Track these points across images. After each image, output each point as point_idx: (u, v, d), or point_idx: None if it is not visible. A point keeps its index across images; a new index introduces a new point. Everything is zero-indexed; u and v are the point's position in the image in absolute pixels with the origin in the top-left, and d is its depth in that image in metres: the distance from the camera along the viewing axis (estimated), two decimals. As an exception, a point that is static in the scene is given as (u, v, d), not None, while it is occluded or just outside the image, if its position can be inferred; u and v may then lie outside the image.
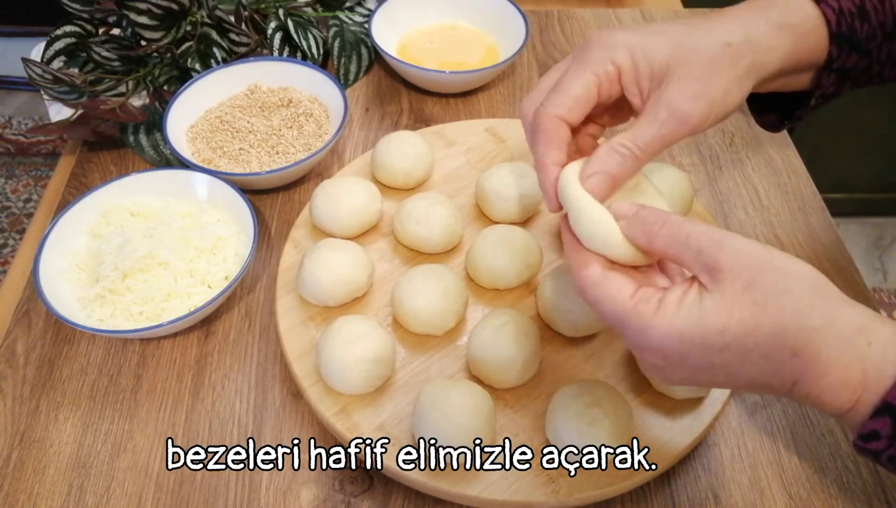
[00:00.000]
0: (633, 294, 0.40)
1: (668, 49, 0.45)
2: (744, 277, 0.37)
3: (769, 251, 0.38)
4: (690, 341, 0.37)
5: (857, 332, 0.36)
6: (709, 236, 0.38)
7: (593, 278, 0.41)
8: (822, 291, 0.37)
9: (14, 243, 1.88)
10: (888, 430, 0.35)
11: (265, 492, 0.54)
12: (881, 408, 0.35)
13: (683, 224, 0.39)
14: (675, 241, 0.39)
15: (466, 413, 0.51)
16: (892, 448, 0.36)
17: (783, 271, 0.37)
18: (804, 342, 0.36)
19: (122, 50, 0.79)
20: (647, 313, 0.39)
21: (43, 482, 0.55)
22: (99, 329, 0.59)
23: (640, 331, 0.39)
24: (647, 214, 0.41)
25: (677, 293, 0.39)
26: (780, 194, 0.76)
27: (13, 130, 2.13)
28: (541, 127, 0.45)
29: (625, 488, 0.51)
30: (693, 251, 0.39)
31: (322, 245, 0.62)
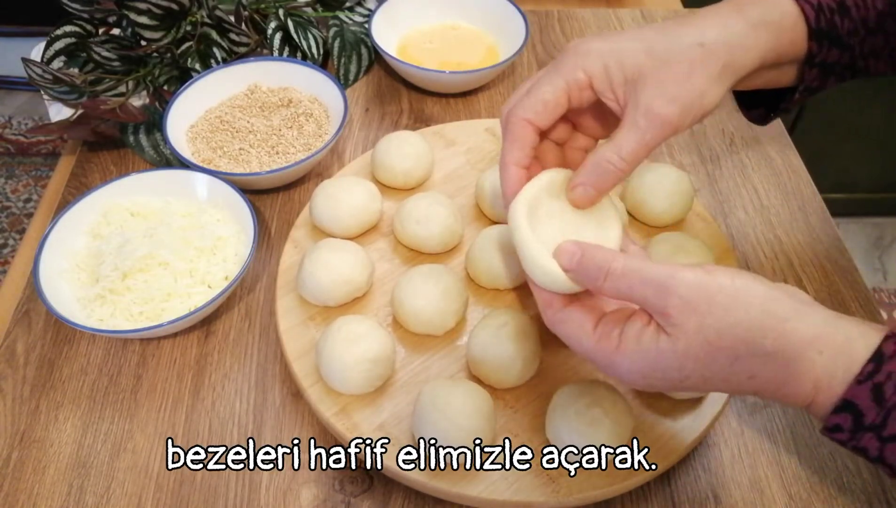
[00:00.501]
0: (594, 330, 0.43)
1: (641, 54, 0.45)
2: (694, 318, 0.38)
3: (716, 280, 0.39)
4: (652, 375, 0.41)
5: (808, 346, 0.38)
6: (653, 284, 0.40)
7: (557, 318, 0.45)
8: (772, 311, 0.38)
9: (14, 243, 1.88)
10: (849, 424, 0.37)
11: (265, 492, 0.54)
12: (840, 406, 0.37)
13: (624, 275, 0.41)
14: (619, 291, 0.41)
15: (466, 413, 0.51)
16: (854, 439, 0.38)
17: (731, 302, 0.38)
18: (759, 367, 0.38)
19: (122, 50, 0.79)
20: (610, 351, 0.42)
21: (43, 482, 0.55)
22: (99, 329, 0.59)
23: (606, 366, 0.42)
24: (589, 265, 0.42)
25: (635, 330, 0.41)
26: (780, 194, 0.76)
27: (13, 130, 2.13)
28: (508, 128, 0.47)
29: (625, 488, 0.51)
30: (639, 299, 0.41)
31: (322, 245, 0.62)
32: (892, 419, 0.36)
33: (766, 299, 0.39)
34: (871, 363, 0.37)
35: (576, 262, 0.43)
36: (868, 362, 0.37)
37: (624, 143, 0.45)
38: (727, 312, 0.38)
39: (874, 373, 0.36)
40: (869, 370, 0.37)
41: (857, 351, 0.37)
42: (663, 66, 0.44)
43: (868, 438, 0.37)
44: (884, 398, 0.36)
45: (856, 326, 0.39)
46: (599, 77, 0.46)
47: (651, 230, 0.68)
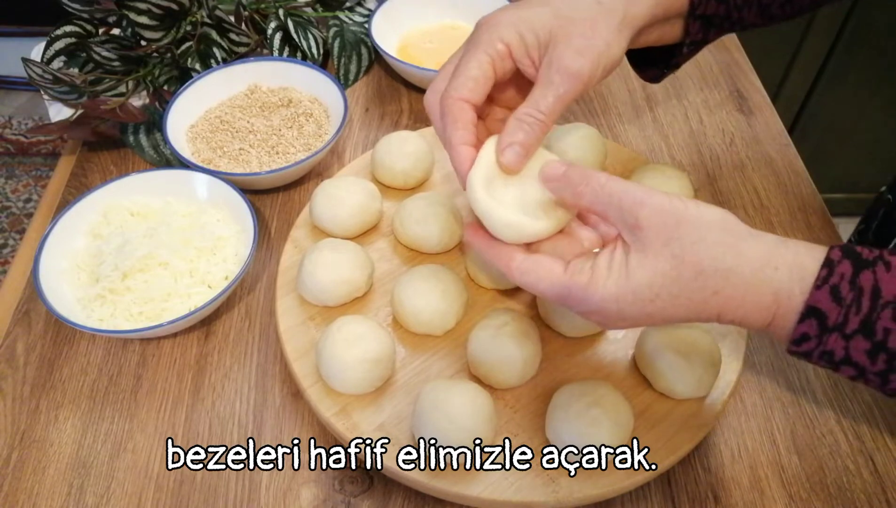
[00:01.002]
0: (565, 270, 0.44)
1: (548, 18, 0.48)
2: (662, 233, 0.41)
3: (684, 204, 0.41)
4: (625, 299, 0.42)
5: (764, 262, 0.40)
6: (630, 194, 0.42)
7: (524, 267, 0.45)
8: (731, 230, 0.41)
9: (14, 243, 1.88)
10: (815, 330, 0.40)
11: (265, 492, 0.54)
12: (805, 313, 0.39)
13: (607, 182, 0.43)
14: (598, 198, 0.43)
15: (466, 413, 0.51)
16: (822, 344, 0.40)
17: (696, 221, 0.41)
18: (722, 282, 0.40)
19: (122, 50, 0.79)
20: (583, 283, 0.43)
21: (43, 482, 0.55)
22: (99, 329, 0.59)
23: (580, 300, 0.43)
24: (573, 173, 0.44)
25: (605, 258, 0.43)
26: (780, 193, 0.76)
27: (13, 130, 2.13)
28: (446, 111, 0.48)
29: (625, 488, 0.51)
30: (615, 208, 0.42)
31: (322, 245, 0.62)
32: (851, 315, 0.39)
33: (726, 221, 0.41)
34: (824, 268, 0.39)
35: (561, 172, 0.44)
36: (822, 267, 0.39)
37: (540, 99, 0.47)
38: (692, 228, 0.41)
39: (829, 277, 0.39)
40: (824, 275, 0.39)
41: (808, 264, 0.40)
42: (569, 24, 0.48)
43: (834, 339, 0.39)
44: (841, 297, 0.39)
45: (801, 245, 0.41)
46: (517, 45, 0.48)
47: (651, 230, 0.68)
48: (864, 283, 0.38)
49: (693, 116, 0.84)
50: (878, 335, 0.38)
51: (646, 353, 0.56)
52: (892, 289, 0.38)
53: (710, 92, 0.87)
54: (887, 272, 0.39)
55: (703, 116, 0.84)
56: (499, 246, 0.47)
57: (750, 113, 0.85)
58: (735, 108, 0.85)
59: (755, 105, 0.86)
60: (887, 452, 0.57)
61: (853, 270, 0.39)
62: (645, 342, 0.56)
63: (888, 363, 0.39)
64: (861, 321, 0.38)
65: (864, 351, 0.39)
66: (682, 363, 0.54)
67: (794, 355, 0.42)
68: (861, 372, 0.40)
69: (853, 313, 0.38)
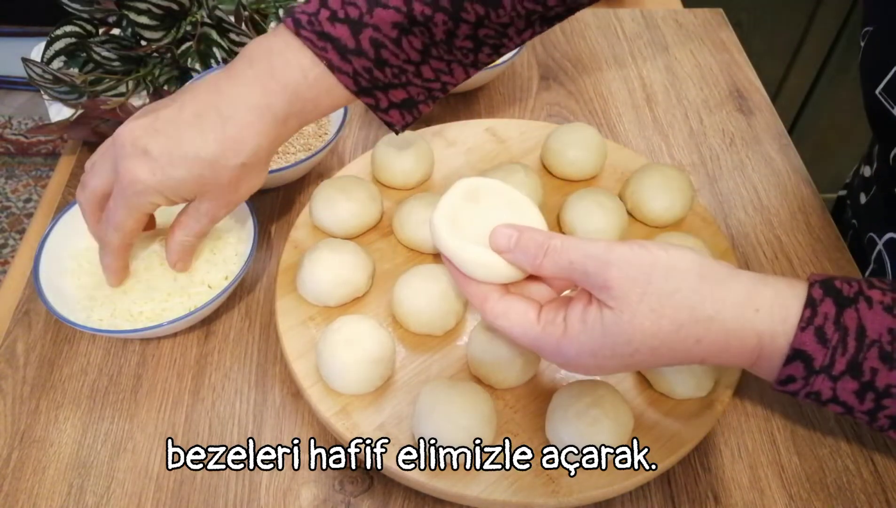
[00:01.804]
0: (538, 318, 0.43)
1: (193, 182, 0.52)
2: (635, 289, 0.40)
3: (652, 255, 0.40)
4: (602, 354, 0.41)
5: (744, 305, 0.39)
6: (593, 257, 0.41)
7: (496, 311, 0.44)
8: (707, 276, 0.40)
9: (14, 243, 1.88)
10: (801, 372, 0.39)
11: (265, 492, 0.54)
12: (791, 355, 0.39)
13: (564, 250, 0.42)
14: (560, 268, 0.42)
15: (466, 413, 0.51)
16: (808, 385, 0.40)
17: (669, 271, 0.40)
18: (703, 331, 0.40)
19: (122, 50, 0.79)
20: (556, 336, 0.42)
21: (43, 482, 0.55)
22: (99, 329, 0.59)
23: (554, 352, 0.43)
24: (527, 244, 0.43)
25: (578, 311, 0.42)
26: (780, 194, 0.76)
27: (13, 130, 2.13)
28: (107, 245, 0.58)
29: (625, 488, 0.51)
30: (580, 274, 0.41)
31: (322, 245, 0.62)
32: (838, 357, 0.38)
33: (700, 266, 0.40)
34: (807, 308, 0.39)
35: (514, 241, 0.43)
36: (805, 308, 0.39)
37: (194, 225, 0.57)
38: (666, 281, 0.40)
39: (813, 317, 0.38)
40: (808, 316, 0.38)
41: (789, 302, 0.39)
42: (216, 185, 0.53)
43: (821, 380, 0.39)
44: (827, 339, 0.38)
45: (781, 282, 0.41)
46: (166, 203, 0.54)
47: (651, 230, 0.68)
48: (849, 322, 0.38)
49: (693, 116, 0.84)
50: (865, 375, 0.38)
51: (646, 353, 0.56)
52: (876, 327, 0.38)
53: (710, 92, 0.87)
54: (870, 310, 0.38)
55: (703, 116, 0.84)
56: (474, 284, 0.46)
57: (750, 113, 0.85)
58: (735, 108, 0.86)
59: (755, 105, 0.86)
60: (887, 452, 0.57)
61: (836, 309, 0.38)
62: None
63: (876, 402, 0.38)
64: (848, 361, 0.38)
65: (852, 391, 0.39)
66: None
67: (779, 392, 0.41)
68: (849, 411, 0.40)
69: (839, 355, 0.38)
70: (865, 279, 0.40)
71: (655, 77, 0.89)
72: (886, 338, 0.38)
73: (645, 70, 0.90)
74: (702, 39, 0.94)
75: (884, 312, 0.38)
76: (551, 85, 0.88)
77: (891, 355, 0.37)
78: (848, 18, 1.45)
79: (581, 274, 0.41)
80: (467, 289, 0.46)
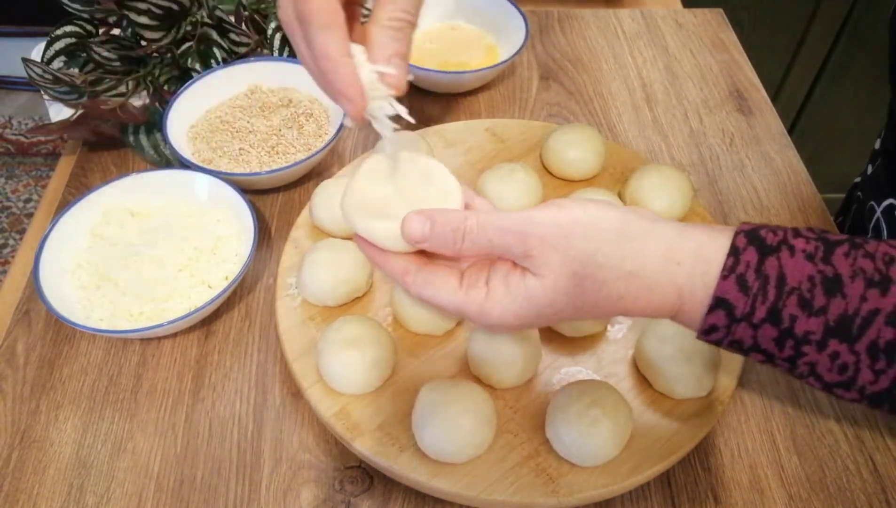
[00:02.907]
0: (460, 283, 0.43)
1: None
2: (555, 256, 0.39)
3: (570, 214, 0.40)
4: (526, 316, 0.41)
5: (665, 260, 0.39)
6: (510, 232, 0.40)
7: (419, 280, 0.43)
8: (628, 234, 0.40)
9: (14, 243, 1.88)
10: (723, 321, 0.39)
11: (265, 492, 0.54)
12: (714, 305, 0.38)
13: (482, 229, 0.41)
14: (480, 247, 0.41)
15: (466, 413, 0.51)
16: (730, 334, 0.39)
17: (588, 231, 0.40)
18: (624, 286, 0.40)
19: (122, 50, 0.79)
20: (480, 300, 0.42)
21: (43, 482, 0.55)
22: (99, 329, 0.59)
23: (478, 315, 0.42)
24: (444, 229, 0.41)
25: (501, 275, 0.42)
26: (780, 194, 0.76)
27: (13, 130, 2.13)
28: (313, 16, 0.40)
29: (625, 488, 0.51)
30: (500, 249, 0.41)
31: (322, 245, 0.62)
32: (758, 305, 0.38)
33: (620, 222, 0.40)
34: (730, 257, 0.38)
35: (428, 230, 0.42)
36: (728, 256, 0.38)
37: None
38: (586, 241, 0.39)
39: (735, 266, 0.38)
40: (730, 264, 0.38)
41: (711, 255, 0.39)
42: None
43: (742, 328, 0.39)
44: (748, 287, 0.38)
45: (704, 232, 0.40)
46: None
47: (651, 230, 0.68)
48: (770, 270, 0.38)
49: (693, 116, 0.84)
50: (784, 322, 0.38)
51: (646, 353, 0.56)
52: (796, 275, 0.38)
53: (710, 92, 0.87)
54: (791, 257, 0.38)
55: (703, 116, 0.84)
56: (392, 257, 0.44)
57: (750, 113, 0.85)
58: (735, 108, 0.86)
59: (755, 105, 0.86)
60: (887, 452, 0.57)
61: (758, 257, 0.38)
62: (645, 342, 0.56)
63: (795, 349, 0.38)
64: (768, 309, 0.38)
65: (772, 339, 0.38)
66: (682, 363, 0.54)
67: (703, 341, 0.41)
68: (769, 358, 0.40)
69: (760, 303, 0.38)
70: (792, 229, 0.40)
71: (655, 77, 0.89)
72: (806, 285, 0.37)
73: (645, 70, 0.90)
74: (702, 39, 0.95)
75: (805, 260, 0.38)
76: (551, 85, 0.88)
77: (809, 302, 0.37)
78: (848, 18, 1.45)
79: (502, 249, 0.41)
80: (385, 266, 0.45)
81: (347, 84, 0.41)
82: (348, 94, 0.41)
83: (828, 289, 0.37)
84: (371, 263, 0.46)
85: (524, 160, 0.74)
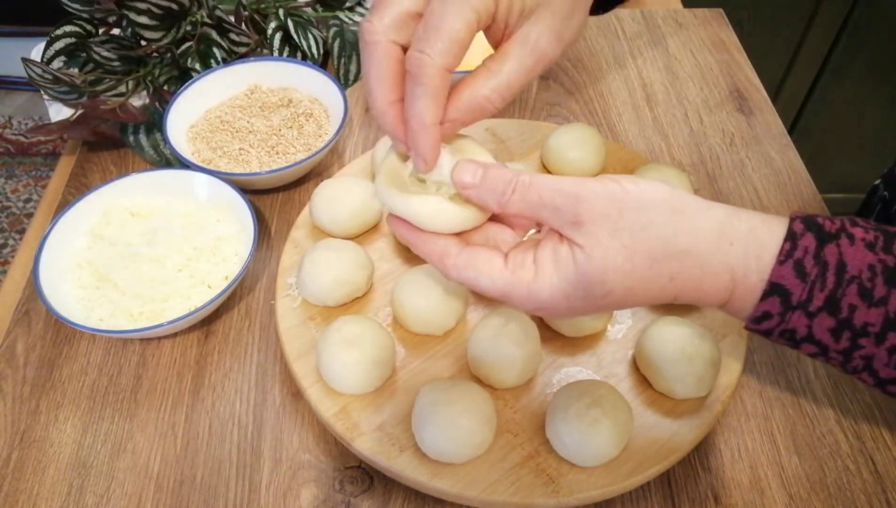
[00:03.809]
0: (506, 264, 0.40)
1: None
2: (607, 224, 0.37)
3: (622, 187, 0.38)
4: (575, 296, 0.38)
5: (718, 238, 0.38)
6: (562, 192, 0.38)
7: (461, 262, 0.40)
8: (680, 209, 0.38)
9: (14, 243, 1.88)
10: (778, 308, 0.37)
11: (265, 492, 0.54)
12: (768, 290, 0.37)
13: (533, 184, 0.39)
14: (528, 204, 0.39)
15: (466, 413, 0.51)
16: (784, 323, 0.38)
17: (641, 204, 0.38)
18: (677, 265, 0.38)
19: (122, 50, 0.79)
20: (528, 280, 0.39)
21: (43, 482, 0.55)
22: (99, 329, 0.59)
23: (526, 297, 0.39)
24: (495, 179, 0.39)
25: (548, 252, 0.39)
26: (780, 194, 0.76)
27: (13, 130, 2.13)
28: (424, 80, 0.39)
29: (625, 488, 0.51)
30: (549, 210, 0.38)
31: (322, 245, 0.62)
32: (816, 292, 0.36)
33: (672, 198, 0.38)
34: (787, 241, 0.37)
35: (479, 177, 0.40)
36: (784, 241, 0.37)
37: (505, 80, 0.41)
38: (638, 213, 0.37)
39: (792, 251, 0.37)
40: (787, 249, 0.37)
41: (764, 237, 0.38)
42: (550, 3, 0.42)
43: (797, 317, 0.37)
44: (806, 273, 0.36)
45: (755, 216, 0.39)
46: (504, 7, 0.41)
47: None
48: (829, 257, 0.36)
49: (693, 116, 0.84)
50: (843, 311, 0.36)
51: (646, 353, 0.56)
52: (857, 263, 0.36)
53: (710, 92, 0.87)
54: (851, 245, 0.37)
55: (703, 116, 0.84)
56: (431, 238, 0.41)
57: (750, 113, 0.85)
58: (735, 108, 0.86)
59: (755, 105, 0.86)
60: (887, 452, 0.57)
61: (817, 243, 0.37)
62: (645, 342, 0.56)
63: (852, 341, 0.37)
64: (826, 297, 0.36)
65: (828, 329, 0.37)
66: (682, 363, 0.54)
67: (752, 331, 0.39)
68: (823, 350, 0.38)
69: (818, 290, 0.36)
70: (849, 218, 0.38)
71: (655, 77, 0.89)
72: (867, 274, 0.36)
73: (645, 70, 0.90)
74: (702, 39, 0.95)
75: (865, 248, 0.37)
76: (551, 85, 0.88)
77: (870, 292, 0.36)
78: (848, 18, 1.45)
79: (551, 210, 0.38)
80: (424, 247, 0.42)
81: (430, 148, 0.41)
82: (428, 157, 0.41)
83: (888, 279, 0.36)
84: (409, 244, 0.43)
85: (524, 160, 0.74)
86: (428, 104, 0.40)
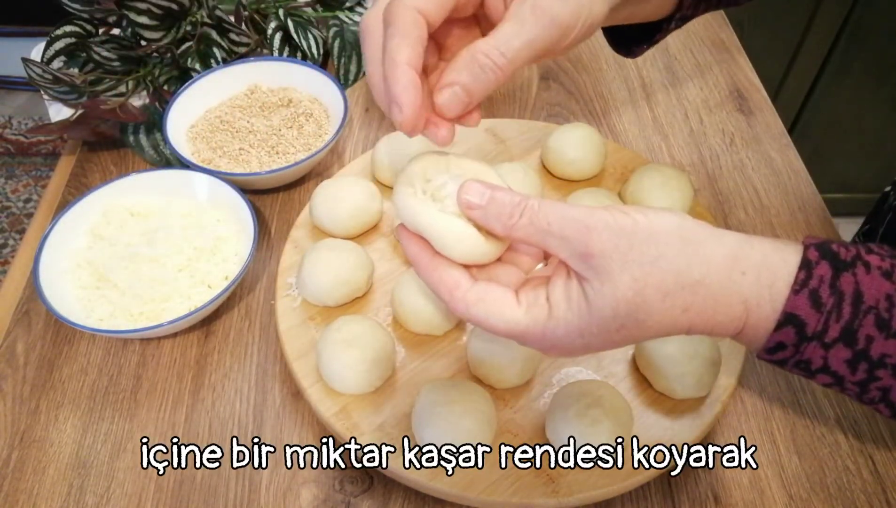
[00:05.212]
0: (518, 302, 0.38)
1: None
2: (616, 257, 0.36)
3: (632, 218, 0.37)
4: (589, 332, 0.37)
5: (731, 268, 0.37)
6: (573, 220, 0.37)
7: (472, 296, 0.39)
8: (690, 238, 0.37)
9: (14, 243, 1.88)
10: (792, 338, 0.36)
11: (265, 492, 0.54)
12: (783, 320, 0.36)
13: (542, 210, 0.37)
14: (536, 229, 0.37)
15: (466, 413, 0.51)
16: (798, 353, 0.37)
17: (651, 236, 0.36)
18: (690, 297, 0.37)
19: (122, 50, 0.79)
20: (542, 319, 0.38)
21: (43, 482, 0.55)
22: (99, 329, 0.59)
23: (541, 337, 0.38)
24: (502, 201, 0.38)
25: (560, 290, 0.38)
26: (780, 194, 0.76)
27: (13, 130, 2.13)
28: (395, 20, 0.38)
29: (625, 488, 0.51)
30: (557, 239, 0.37)
31: (322, 245, 0.62)
32: (832, 323, 0.36)
33: (682, 228, 0.37)
34: (801, 270, 0.36)
35: (487, 198, 0.38)
36: (799, 270, 0.36)
37: (505, 38, 0.39)
38: (648, 246, 0.36)
39: (808, 280, 0.36)
40: (802, 278, 0.36)
41: (776, 266, 0.37)
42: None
43: (812, 348, 0.36)
44: (822, 303, 0.36)
45: (767, 243, 0.38)
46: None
47: (651, 230, 0.68)
48: (845, 287, 0.35)
49: (693, 116, 0.84)
50: (860, 343, 0.36)
51: (646, 353, 0.56)
52: (873, 293, 0.35)
53: (710, 92, 0.87)
54: (868, 274, 0.36)
55: (703, 116, 0.84)
56: (444, 265, 0.39)
57: (750, 113, 0.85)
58: (735, 108, 0.86)
59: (755, 105, 0.86)
60: (887, 452, 0.57)
61: (833, 272, 0.36)
62: (645, 342, 0.56)
63: (868, 373, 0.36)
64: (842, 328, 0.36)
65: (844, 360, 0.36)
66: (682, 363, 0.54)
67: (766, 361, 0.39)
68: (839, 381, 0.38)
69: (834, 321, 0.35)
70: (863, 244, 0.37)
71: (655, 77, 0.89)
72: (884, 304, 0.35)
73: (645, 70, 0.90)
74: (702, 39, 0.94)
75: (882, 277, 0.36)
76: (551, 85, 0.88)
77: (888, 322, 0.35)
78: (848, 18, 1.45)
79: (559, 239, 0.37)
80: (434, 274, 0.39)
81: (402, 89, 0.38)
82: (401, 100, 0.38)
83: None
84: (415, 266, 0.40)
85: (524, 160, 0.74)
86: (399, 43, 0.38)
